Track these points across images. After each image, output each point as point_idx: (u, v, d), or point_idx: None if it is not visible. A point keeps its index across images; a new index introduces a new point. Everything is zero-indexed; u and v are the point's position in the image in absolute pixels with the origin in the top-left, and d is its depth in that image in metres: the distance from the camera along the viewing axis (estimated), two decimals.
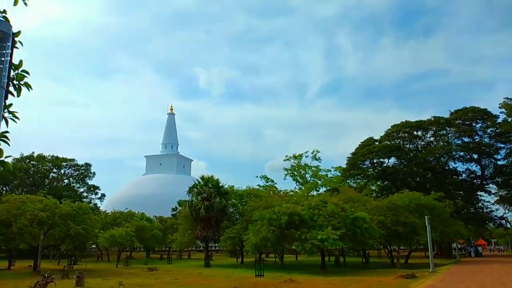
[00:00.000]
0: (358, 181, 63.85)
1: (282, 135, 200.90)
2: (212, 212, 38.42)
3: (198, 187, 40.31)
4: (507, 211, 68.93)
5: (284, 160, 79.01)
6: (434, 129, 60.23)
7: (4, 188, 64.23)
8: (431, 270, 25.95)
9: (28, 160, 69.35)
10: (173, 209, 71.05)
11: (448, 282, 18.77)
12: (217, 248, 65.89)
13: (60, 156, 73.00)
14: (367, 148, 58.89)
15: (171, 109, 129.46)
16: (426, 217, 27.82)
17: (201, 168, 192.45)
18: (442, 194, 41.26)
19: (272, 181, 75.87)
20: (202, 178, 41.18)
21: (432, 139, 61.79)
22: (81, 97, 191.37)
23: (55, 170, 73.58)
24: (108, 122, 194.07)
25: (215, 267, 36.90)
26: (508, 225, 67.60)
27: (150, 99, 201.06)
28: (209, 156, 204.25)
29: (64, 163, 73.21)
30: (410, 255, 40.67)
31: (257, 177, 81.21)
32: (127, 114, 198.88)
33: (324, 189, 69.14)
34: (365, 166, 61.60)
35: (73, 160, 74.63)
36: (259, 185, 69.67)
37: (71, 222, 31.24)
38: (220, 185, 40.87)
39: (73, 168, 74.95)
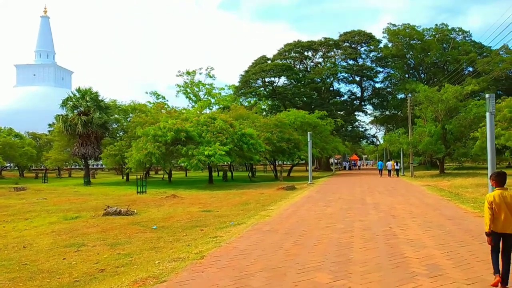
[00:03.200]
0: (249, 99, 64.32)
1: (179, 49, 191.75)
2: (91, 128, 35.15)
3: (74, 100, 36.04)
4: (378, 130, 77.21)
5: (176, 76, 75.92)
6: (324, 50, 62.03)
7: None
8: (310, 182, 27.53)
9: None
10: (50, 125, 64.27)
11: (323, 193, 19.77)
12: (102, 166, 62.58)
13: None
14: (260, 67, 58.65)
15: (45, 11, 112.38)
16: (308, 133, 28.81)
17: (87, 83, 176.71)
18: (325, 113, 43.48)
19: (164, 98, 72.54)
20: (79, 90, 36.69)
21: (321, 60, 63.87)
22: None
23: None
24: None
25: (97, 185, 34.72)
26: (378, 143, 76.03)
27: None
28: (95, 69, 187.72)
29: None
30: (293, 169, 43.14)
31: (146, 93, 76.95)
32: None
33: (218, 107, 68.51)
34: (256, 85, 61.82)
35: None
36: (149, 102, 66.01)
37: None
38: (100, 98, 37.08)
39: None
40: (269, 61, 61.12)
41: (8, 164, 57.78)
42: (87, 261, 7.39)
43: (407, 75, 60.87)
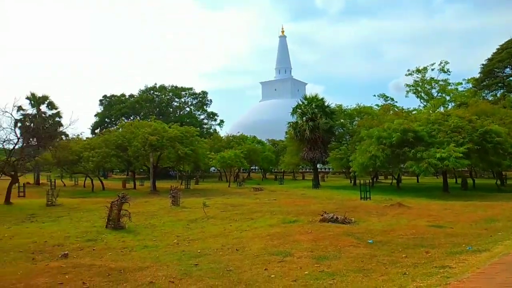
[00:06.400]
0: (494, 92, 53.75)
1: (405, 51, 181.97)
2: (318, 133, 36.18)
3: (302, 107, 37.99)
4: None
5: (406, 75, 70.70)
6: None
7: (134, 118, 70.82)
8: None
9: (152, 91, 75.03)
10: (286, 133, 70.72)
11: None
12: (330, 169, 64.34)
13: (179, 85, 77.12)
14: (508, 51, 48.38)
15: (282, 32, 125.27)
16: None
17: (318, 91, 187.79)
18: None
19: (392, 99, 69.19)
20: (305, 98, 38.60)
21: None
22: (195, 30, 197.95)
23: (176, 99, 78.35)
24: (223, 53, 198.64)
25: (324, 188, 35.40)
26: None
27: (264, 26, 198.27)
28: (325, 79, 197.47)
29: (183, 92, 77.27)
30: None
31: (374, 96, 75.15)
32: (242, 45, 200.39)
33: (453, 105, 60.51)
34: (504, 74, 51.29)
35: (191, 88, 78.12)
36: (377, 105, 64.07)
37: (178, 144, 32.32)
38: (326, 104, 37.92)
39: (192, 96, 78.71)
40: None
41: (254, 167, 66.34)
42: (286, 276, 6.69)
43: None
